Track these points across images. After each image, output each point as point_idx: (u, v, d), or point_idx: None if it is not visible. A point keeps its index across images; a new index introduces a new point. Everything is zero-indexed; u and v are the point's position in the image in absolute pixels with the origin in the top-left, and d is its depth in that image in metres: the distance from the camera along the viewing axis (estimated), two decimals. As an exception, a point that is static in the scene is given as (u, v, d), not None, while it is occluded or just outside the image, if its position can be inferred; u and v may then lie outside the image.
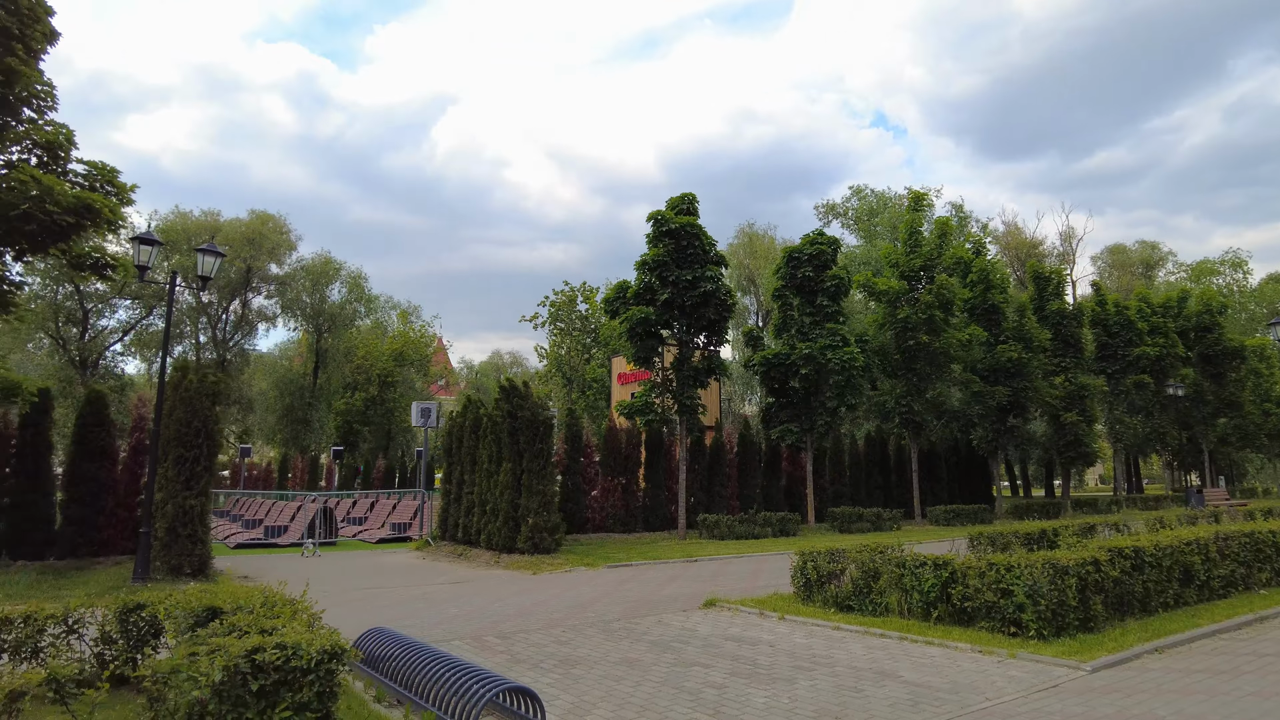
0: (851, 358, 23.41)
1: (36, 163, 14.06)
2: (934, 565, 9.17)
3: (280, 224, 47.99)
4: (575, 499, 22.33)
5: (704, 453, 25.13)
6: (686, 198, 22.70)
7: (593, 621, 9.99)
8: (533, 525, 16.64)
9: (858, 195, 43.73)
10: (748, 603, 10.81)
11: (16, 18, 13.97)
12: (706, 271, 21.23)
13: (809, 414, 24.60)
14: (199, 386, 13.52)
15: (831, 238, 25.57)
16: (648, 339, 21.58)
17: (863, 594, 9.95)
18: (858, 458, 28.96)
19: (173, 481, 13.16)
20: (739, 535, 22.00)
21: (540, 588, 13.40)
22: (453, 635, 9.21)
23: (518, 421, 17.19)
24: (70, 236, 13.86)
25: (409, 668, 6.45)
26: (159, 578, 12.80)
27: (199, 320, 47.83)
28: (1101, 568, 8.62)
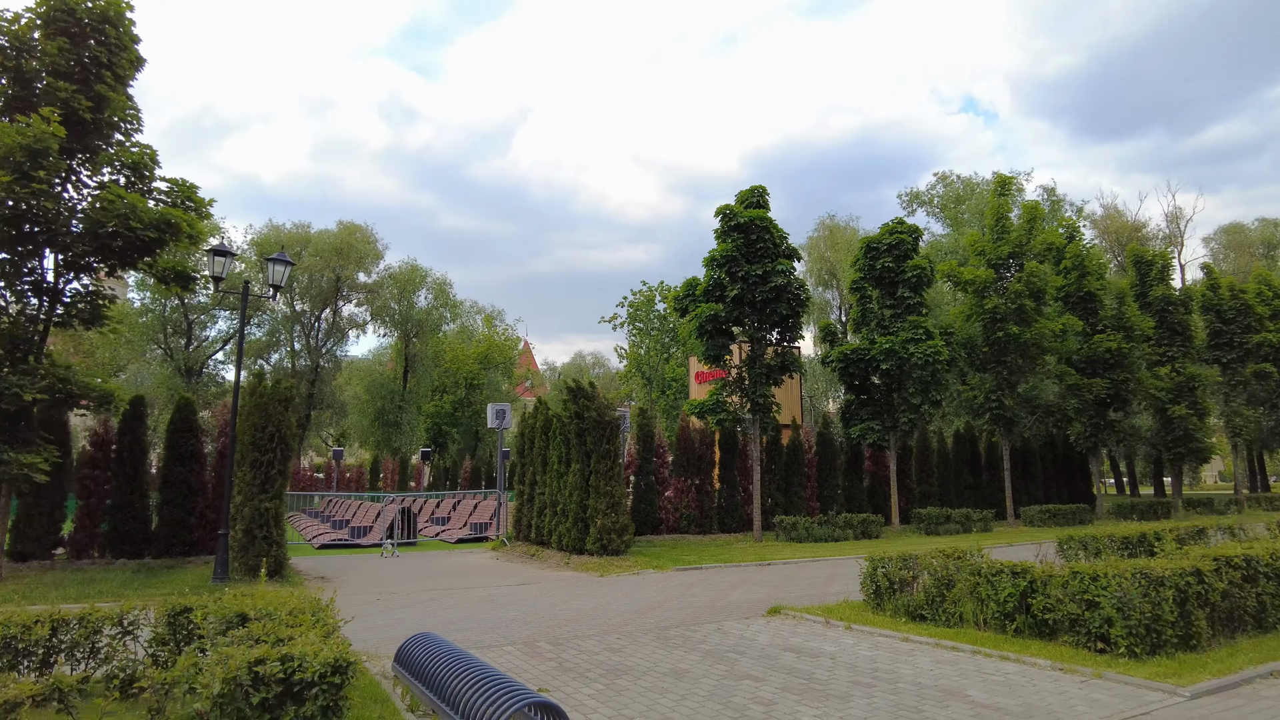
0: (935, 351, 22.34)
1: (124, 182, 14.79)
2: (1011, 573, 8.49)
3: (367, 234, 49.68)
4: (648, 500, 22.12)
5: (780, 452, 24.50)
6: (756, 190, 22.16)
7: (650, 628, 9.72)
8: (601, 526, 16.50)
9: (943, 182, 41.92)
10: (814, 610, 10.32)
11: (105, 47, 14.75)
12: (777, 265, 20.63)
13: (891, 411, 23.64)
14: (272, 393, 13.94)
15: (912, 226, 24.50)
16: (717, 336, 21.15)
17: (936, 603, 9.34)
18: (946, 456, 27.69)
19: (249, 485, 13.60)
20: (817, 538, 21.32)
21: (605, 590, 13.22)
22: (507, 640, 9.10)
23: (584, 422, 17.09)
24: (154, 251, 14.51)
25: (444, 676, 6.32)
26: (236, 578, 13.25)
27: (293, 328, 50.02)
28: (1205, 579, 7.77)
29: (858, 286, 24.67)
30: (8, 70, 14.03)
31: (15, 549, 15.53)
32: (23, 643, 6.10)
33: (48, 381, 13.36)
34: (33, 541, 15.65)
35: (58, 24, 14.29)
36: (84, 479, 16.26)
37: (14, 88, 14.15)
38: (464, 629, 9.84)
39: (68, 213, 13.97)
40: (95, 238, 13.68)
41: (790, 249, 21.72)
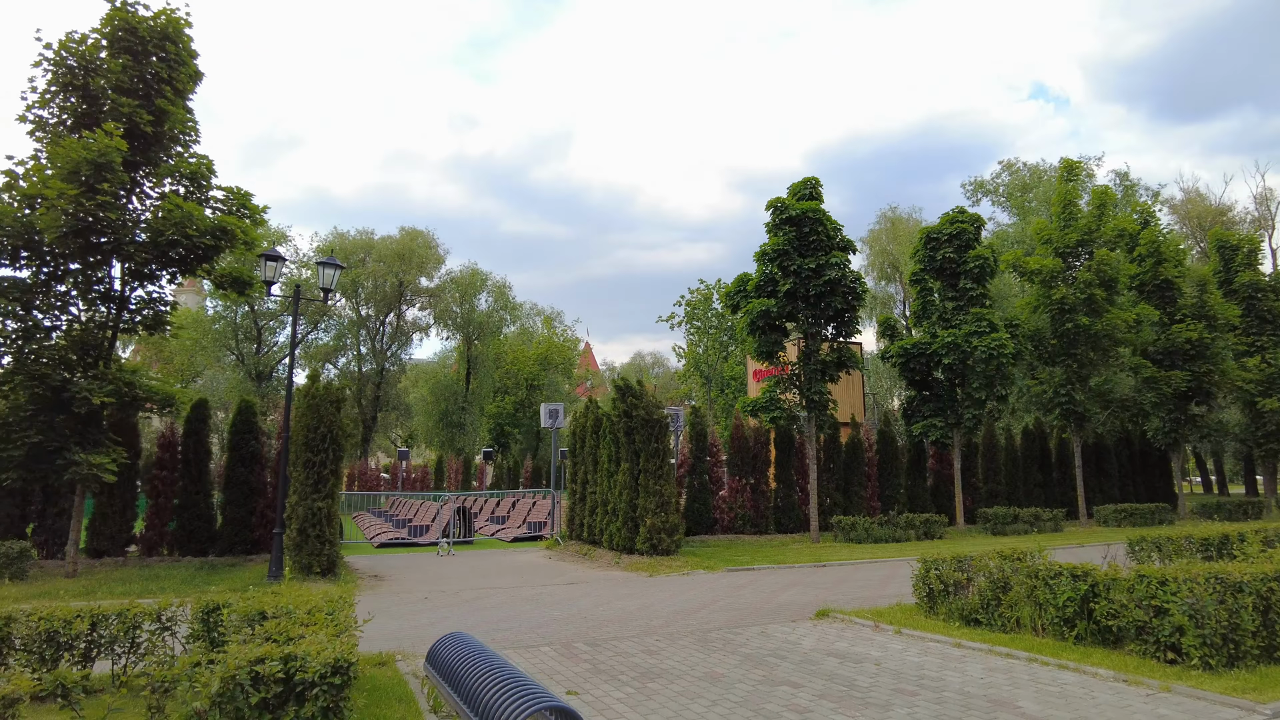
0: (999, 344, 21.44)
1: (184, 192, 15.31)
2: (1071, 576, 7.97)
3: (429, 239, 50.62)
4: (702, 499, 21.85)
5: (839, 451, 23.92)
6: (809, 182, 21.66)
7: (692, 630, 9.49)
8: (650, 526, 16.32)
9: (1009, 170, 40.26)
10: (864, 614, 9.93)
11: (165, 63, 15.31)
12: (831, 258, 20.11)
13: (954, 407, 22.81)
14: (324, 394, 14.19)
15: (973, 215, 23.59)
16: (770, 332, 20.74)
17: (991, 607, 8.86)
18: (1014, 453, 26.57)
19: (302, 485, 13.88)
20: (877, 538, 20.70)
21: (652, 591, 13.04)
22: (545, 640, 9.00)
23: (633, 421, 16.93)
24: (212, 258, 14.97)
25: (468, 677, 6.24)
26: (290, 576, 13.50)
27: (359, 333, 51.30)
28: (1290, 584, 7.14)
29: (918, 279, 23.88)
30: (77, 89, 14.66)
31: (91, 546, 16.23)
32: (64, 636, 6.26)
33: (114, 385, 13.89)
34: (107, 539, 16.32)
35: (121, 43, 14.88)
36: (153, 479, 16.90)
37: (82, 105, 14.78)
38: (505, 629, 9.78)
39: (132, 223, 14.52)
40: (156, 246, 14.19)
41: (845, 241, 21.15)
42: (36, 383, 13.47)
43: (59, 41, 14.42)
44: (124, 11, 14.88)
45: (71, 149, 13.28)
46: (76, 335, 14.45)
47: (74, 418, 13.78)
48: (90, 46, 14.67)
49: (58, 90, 14.59)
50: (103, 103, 14.73)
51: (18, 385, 13.47)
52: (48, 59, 14.38)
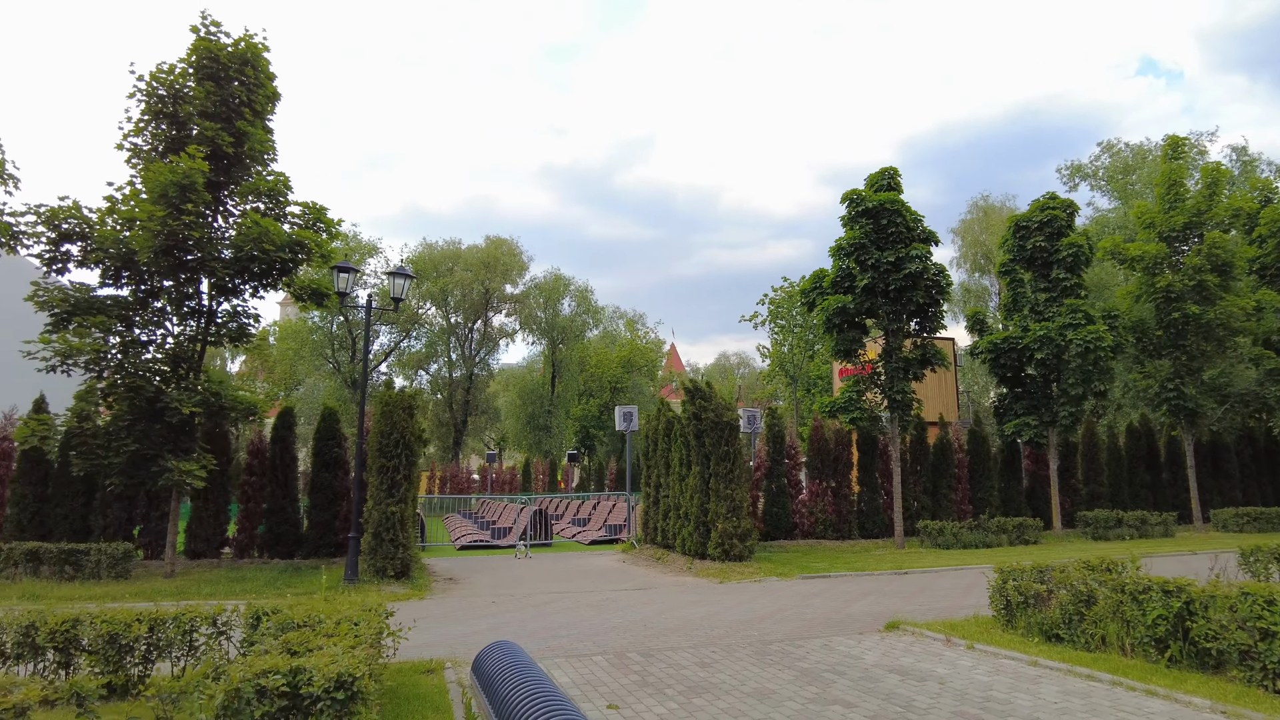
0: (1096, 337, 20.04)
1: (263, 208, 15.97)
2: (1162, 591, 7.25)
3: (513, 247, 51.60)
4: (781, 503, 21.29)
5: (926, 452, 22.91)
6: (886, 172, 20.86)
7: (752, 641, 9.16)
8: (722, 531, 15.98)
9: (1109, 152, 37.67)
10: (936, 626, 9.37)
11: (245, 87, 16.01)
12: (911, 251, 19.27)
13: (1049, 405, 21.49)
14: (397, 400, 14.51)
15: (1065, 200, 22.16)
16: (847, 330, 20.06)
17: (1074, 623, 8.18)
18: (1118, 453, 24.81)
19: (376, 490, 14.22)
20: (965, 544, 19.72)
21: (720, 598, 12.73)
22: (600, 649, 8.85)
23: (702, 423, 16.64)
24: (289, 271, 15.56)
25: (504, 690, 6.15)
26: (365, 579, 13.87)
27: (449, 340, 52.77)
28: None
29: (1007, 269, 22.62)
30: (166, 116, 15.51)
31: (189, 548, 17.11)
32: (125, 639, 6.51)
33: (202, 396, 14.59)
34: (203, 541, 17.17)
35: (205, 70, 15.64)
36: (243, 485, 17.68)
37: (171, 130, 15.62)
38: (563, 635, 9.69)
39: (217, 240, 15.24)
40: (238, 261, 14.84)
41: (926, 232, 20.25)
42: (134, 394, 14.30)
43: (150, 73, 15.28)
44: (207, 41, 15.63)
45: (159, 173, 14.04)
46: (170, 349, 15.27)
47: (167, 427, 14.54)
48: (177, 75, 15.49)
49: (150, 119, 15.46)
50: (190, 127, 15.53)
51: (119, 397, 14.32)
52: (140, 90, 15.26)
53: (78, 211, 15.18)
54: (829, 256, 20.62)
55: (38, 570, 14.40)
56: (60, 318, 14.43)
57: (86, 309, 14.47)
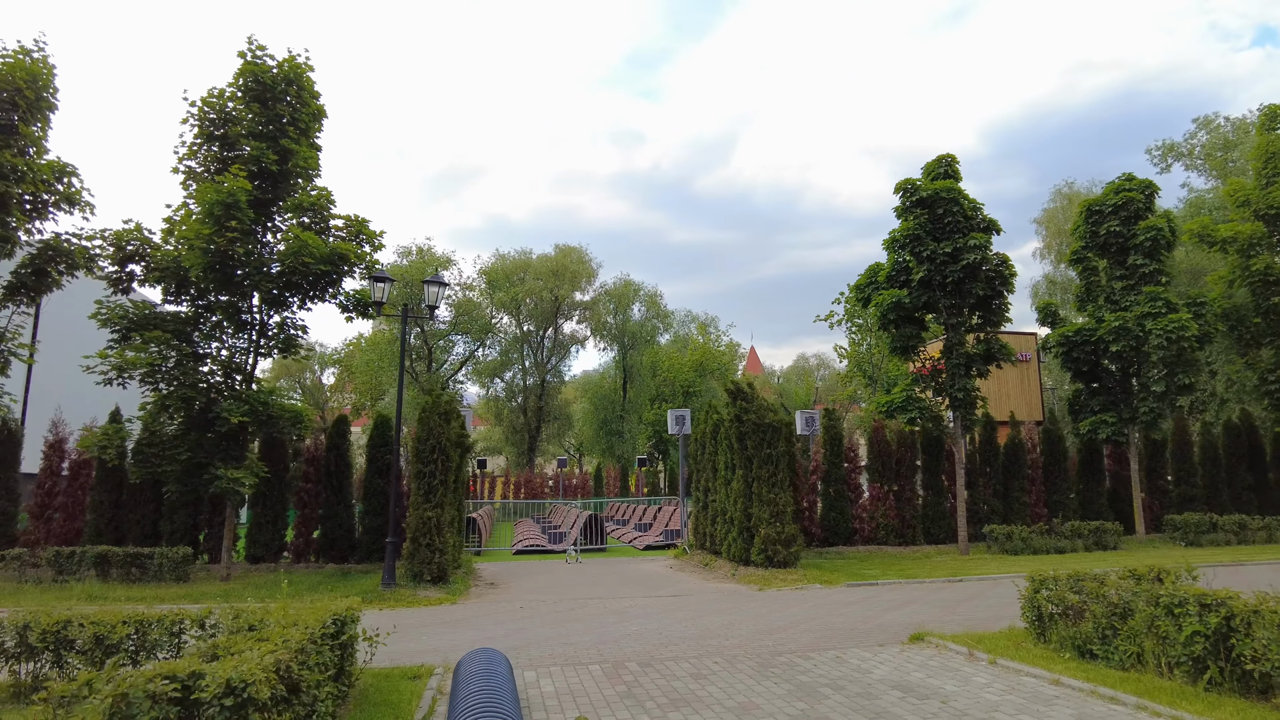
0: (1179, 326, 18.51)
1: (309, 222, 16.46)
2: (1200, 605, 6.47)
3: (581, 254, 52.00)
4: (839, 508, 20.55)
5: (996, 453, 21.72)
6: (944, 160, 19.88)
7: (762, 652, 8.73)
8: (764, 537, 15.47)
9: (1206, 128, 34.77)
10: (963, 639, 8.72)
11: (289, 106, 16.55)
12: (969, 240, 18.26)
13: (1129, 400, 20.00)
14: (433, 407, 14.66)
15: (1143, 181, 20.59)
16: (904, 325, 19.19)
17: (1108, 638, 7.43)
18: (1214, 451, 22.86)
19: (414, 496, 14.39)
20: (1035, 549, 18.56)
21: (751, 605, 12.28)
22: (601, 658, 8.61)
23: (744, 426, 16.18)
24: (332, 282, 15.97)
25: (459, 694, 6.00)
26: (402, 584, 14.03)
27: (522, 348, 53.54)
28: None
29: (1079, 257, 21.21)
30: (217, 139, 16.18)
31: (250, 553, 17.78)
32: (110, 640, 6.67)
33: (249, 405, 15.11)
34: (262, 546, 17.81)
35: (251, 92, 16.26)
36: (300, 492, 18.26)
37: (222, 152, 16.29)
38: (573, 643, 9.49)
39: (267, 255, 15.79)
40: (282, 275, 15.32)
41: (986, 221, 19.19)
42: (187, 405, 14.93)
43: (201, 99, 15.99)
44: (254, 65, 16.24)
45: (206, 193, 14.66)
46: (225, 360, 15.89)
47: (219, 436, 15.13)
48: (226, 99, 16.16)
49: (202, 142, 16.18)
50: (238, 148, 16.16)
51: (174, 408, 14.99)
52: (193, 115, 16.00)
53: (139, 233, 16.03)
54: (883, 250, 19.79)
55: (107, 572, 15.21)
56: (122, 333, 15.22)
57: (144, 325, 15.21)
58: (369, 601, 12.95)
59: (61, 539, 17.24)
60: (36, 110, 16.26)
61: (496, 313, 51.63)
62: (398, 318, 45.41)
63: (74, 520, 17.61)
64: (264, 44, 16.44)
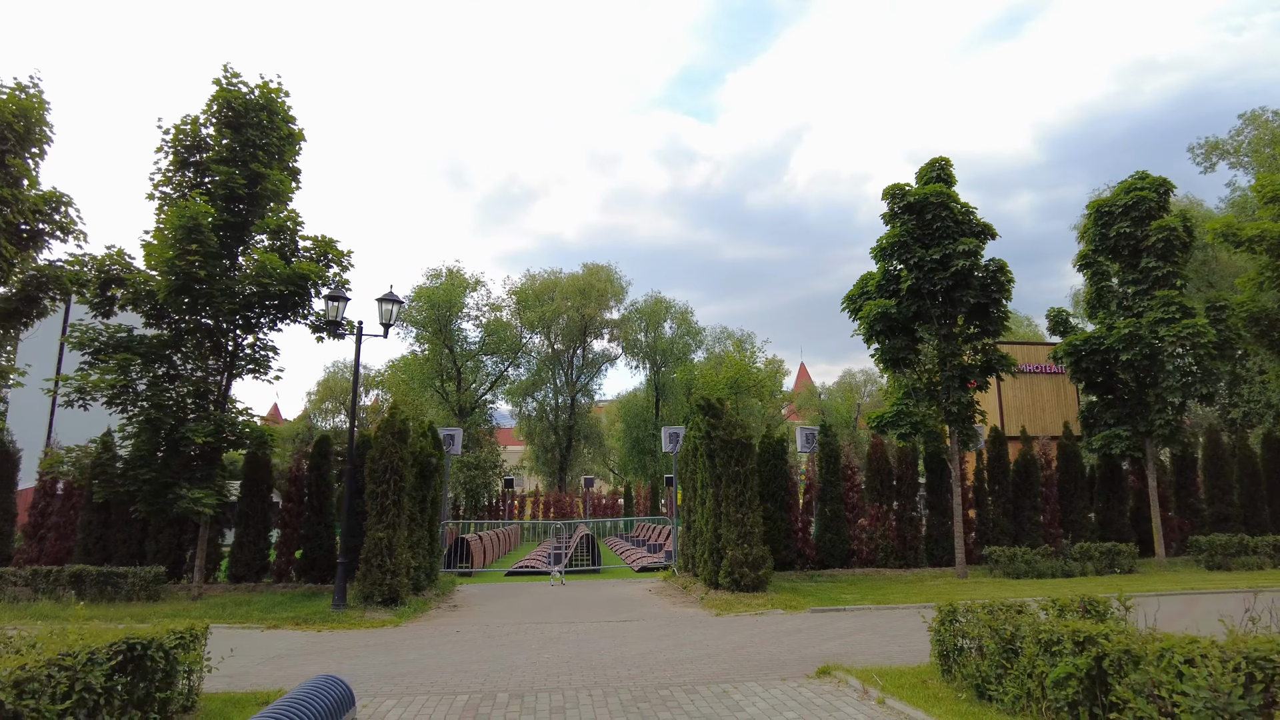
0: (1194, 332, 17.19)
1: (281, 244, 16.61)
2: (1073, 642, 5.72)
3: (609, 273, 51.95)
4: (835, 529, 19.67)
5: (1006, 469, 20.55)
6: (937, 163, 19.03)
7: (652, 683, 8.19)
8: (731, 559, 14.81)
9: (1253, 123, 32.53)
10: (869, 674, 8.01)
11: (260, 131, 16.76)
12: (959, 246, 17.36)
13: (1144, 412, 18.66)
14: (387, 426, 14.53)
15: (1157, 179, 19.30)
16: (893, 336, 18.33)
17: (1000, 678, 6.68)
18: (1252, 467, 21.16)
19: (370, 516, 14.23)
20: (1041, 573, 17.40)
21: (693, 632, 11.67)
22: (480, 688, 8.18)
23: (713, 443, 15.59)
24: (298, 303, 16.04)
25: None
26: (352, 606, 13.84)
27: (555, 368, 53.62)
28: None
29: (1089, 261, 19.97)
30: (190, 165, 16.50)
31: (232, 572, 17.89)
32: None
33: (214, 425, 15.23)
34: (244, 566, 17.90)
35: (225, 118, 16.54)
36: (282, 512, 18.34)
37: (195, 178, 16.59)
38: (469, 670, 9.08)
39: (236, 277, 15.96)
40: (244, 296, 15.45)
41: (980, 225, 18.26)
42: (154, 426, 15.12)
43: (175, 126, 16.34)
44: (227, 91, 16.53)
45: (171, 218, 14.90)
46: (195, 382, 16.07)
47: (186, 456, 15.27)
48: (200, 125, 16.47)
49: (176, 168, 16.51)
50: (212, 173, 16.44)
51: (140, 430, 15.20)
52: (167, 142, 16.35)
53: (121, 258, 16.39)
54: (872, 259, 18.99)
55: (83, 591, 15.45)
56: (93, 356, 15.54)
57: (116, 347, 15.50)
58: (308, 623, 12.80)
59: (53, 558, 17.64)
60: (27, 142, 16.87)
61: (527, 333, 51.87)
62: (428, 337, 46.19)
63: (65, 539, 18.01)
64: (238, 71, 16.75)
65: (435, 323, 44.97)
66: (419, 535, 16.16)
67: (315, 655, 10.20)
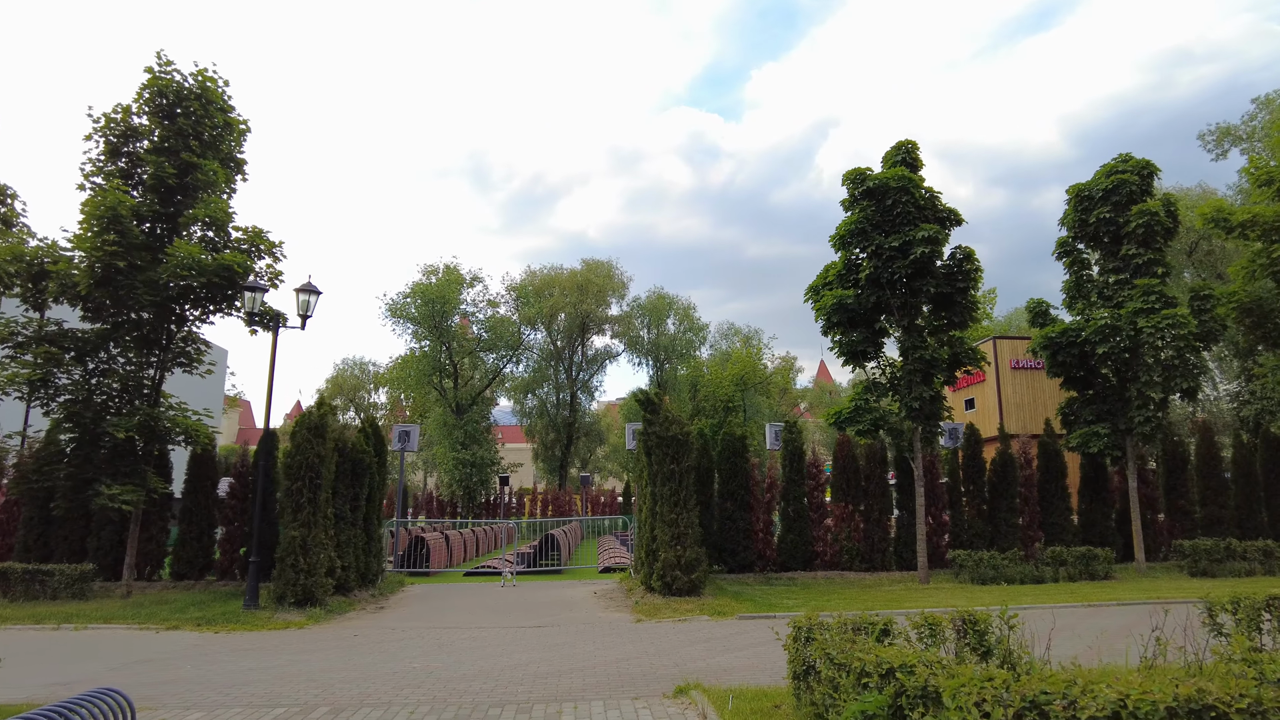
0: (1176, 323, 16.05)
1: (213, 235, 16.18)
2: (880, 674, 4.93)
3: (609, 268, 51.26)
4: (798, 530, 18.81)
5: (981, 469, 19.53)
6: (904, 146, 18.08)
7: (495, 701, 7.54)
8: (664, 561, 14.09)
9: (1266, 108, 30.83)
10: (722, 695, 7.29)
11: (192, 120, 16.30)
12: (918, 233, 16.41)
13: (1124, 409, 17.55)
14: (303, 420, 14.02)
15: (1140, 161, 18.12)
16: (852, 328, 17.43)
17: (831, 707, 5.90)
18: (1249, 468, 19.85)
19: (285, 514, 13.74)
20: (1010, 578, 16.45)
21: (593, 641, 10.97)
22: (314, 700, 7.58)
23: (650, 439, 14.88)
24: (227, 295, 15.59)
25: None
26: (266, 606, 13.34)
27: (556, 364, 53.05)
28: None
29: (1067, 249, 18.86)
30: (120, 154, 16.12)
31: (174, 570, 17.55)
32: None
33: (139, 419, 14.83)
34: (186, 563, 17.54)
35: (158, 106, 16.14)
36: (227, 509, 17.94)
37: (130, 167, 16.22)
38: (321, 680, 8.47)
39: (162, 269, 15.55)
40: (166, 288, 15.03)
41: (944, 211, 17.31)
42: (76, 421, 14.77)
43: (105, 114, 15.96)
44: (159, 79, 16.13)
45: (90, 206, 14.52)
46: (122, 376, 15.69)
47: (109, 451, 14.89)
48: (129, 112, 16.07)
49: (108, 158, 16.14)
50: (143, 163, 16.05)
51: (55, 426, 14.86)
52: (97, 130, 15.98)
53: (54, 250, 16.05)
54: (831, 248, 18.09)
55: (9, 590, 15.16)
56: (15, 348, 15.22)
57: (39, 340, 15.17)
58: (211, 624, 12.33)
59: (-5, 555, 17.43)
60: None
61: (528, 329, 51.30)
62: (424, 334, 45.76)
63: (8, 536, 17.80)
64: (172, 59, 16.33)
65: (431, 319, 44.58)
66: (349, 534, 15.65)
67: (178, 660, 9.69)
